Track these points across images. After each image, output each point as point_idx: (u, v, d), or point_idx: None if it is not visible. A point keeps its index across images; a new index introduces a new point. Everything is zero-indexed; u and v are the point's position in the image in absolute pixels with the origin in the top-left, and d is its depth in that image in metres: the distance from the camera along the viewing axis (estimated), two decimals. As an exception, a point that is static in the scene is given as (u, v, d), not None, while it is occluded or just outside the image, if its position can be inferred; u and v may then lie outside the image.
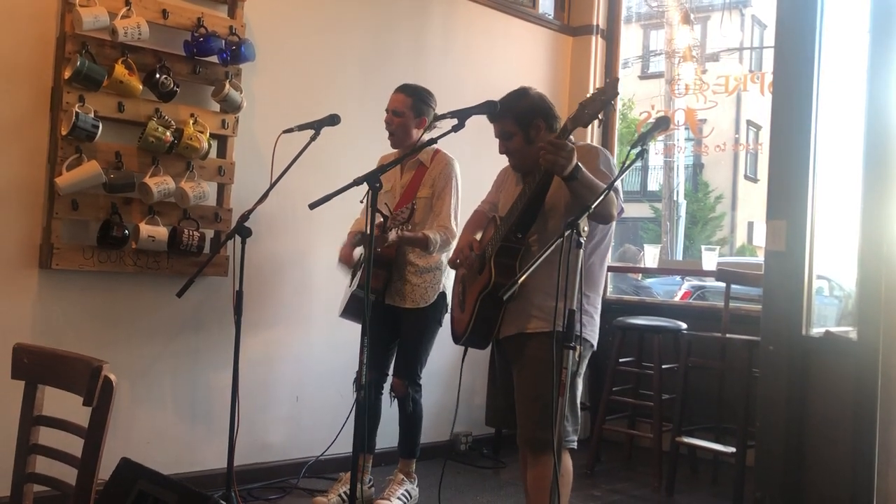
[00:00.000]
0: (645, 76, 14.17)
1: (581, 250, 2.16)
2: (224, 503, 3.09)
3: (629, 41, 7.20)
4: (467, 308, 2.78)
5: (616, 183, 2.46)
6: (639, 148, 2.29)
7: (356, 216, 3.70)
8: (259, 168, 3.47)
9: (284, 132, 3.24)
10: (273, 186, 3.14)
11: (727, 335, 4.05)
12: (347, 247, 3.57)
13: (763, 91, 4.83)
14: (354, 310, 3.45)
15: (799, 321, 3.09)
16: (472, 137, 3.06)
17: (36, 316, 3.17)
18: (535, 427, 2.59)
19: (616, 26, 5.35)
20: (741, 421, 3.81)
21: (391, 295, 3.51)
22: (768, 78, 4.63)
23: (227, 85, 3.47)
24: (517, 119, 2.71)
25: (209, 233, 3.55)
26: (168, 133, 3.29)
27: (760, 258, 4.66)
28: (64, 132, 3.07)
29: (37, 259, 3.16)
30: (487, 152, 3.70)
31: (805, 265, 3.10)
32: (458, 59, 4.58)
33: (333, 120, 3.28)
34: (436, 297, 3.51)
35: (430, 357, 3.61)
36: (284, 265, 3.88)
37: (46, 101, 3.15)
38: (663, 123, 2.45)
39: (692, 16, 5.45)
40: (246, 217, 3.08)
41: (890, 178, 2.90)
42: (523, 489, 2.81)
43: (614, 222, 2.73)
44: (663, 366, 4.20)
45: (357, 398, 3.46)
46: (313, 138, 3.22)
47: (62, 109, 3.10)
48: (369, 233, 2.59)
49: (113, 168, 3.22)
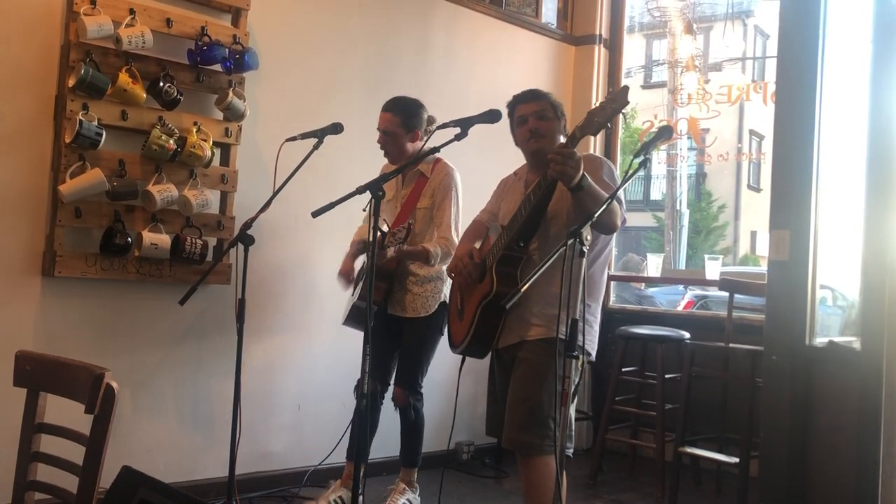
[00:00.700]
0: (648, 86, 14.19)
1: (584, 259, 2.14)
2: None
3: (632, 51, 7.22)
4: (466, 317, 2.77)
5: (619, 193, 2.46)
6: (642, 157, 2.29)
7: (359, 224, 3.71)
8: (262, 176, 3.48)
9: (287, 140, 3.24)
10: (276, 195, 3.14)
11: (730, 345, 4.04)
12: (349, 259, 3.57)
13: (766, 101, 4.83)
14: (357, 319, 3.45)
15: (802, 331, 3.08)
16: (475, 146, 3.07)
17: (38, 323, 3.18)
18: (518, 429, 2.59)
19: (619, 36, 5.36)
20: (744, 431, 3.79)
21: (392, 304, 3.51)
22: (771, 88, 4.63)
23: (231, 93, 3.48)
24: (553, 105, 2.77)
25: (212, 241, 3.55)
26: (171, 141, 3.29)
27: (763, 268, 4.65)
28: (68, 140, 3.08)
29: (40, 266, 3.16)
30: (490, 161, 3.71)
31: (808, 275, 3.09)
32: (461, 69, 4.59)
33: (336, 128, 3.28)
34: (437, 307, 3.50)
35: (432, 366, 3.60)
36: (287, 273, 3.89)
37: (50, 109, 3.16)
38: (666, 133, 2.45)
39: (695, 25, 5.46)
40: (249, 225, 3.08)
41: (893, 188, 2.89)
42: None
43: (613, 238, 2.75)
44: (666, 375, 4.19)
45: (358, 406, 3.47)
46: (316, 147, 3.22)
47: (66, 117, 3.11)
48: (371, 241, 2.59)
49: (116, 176, 3.23)
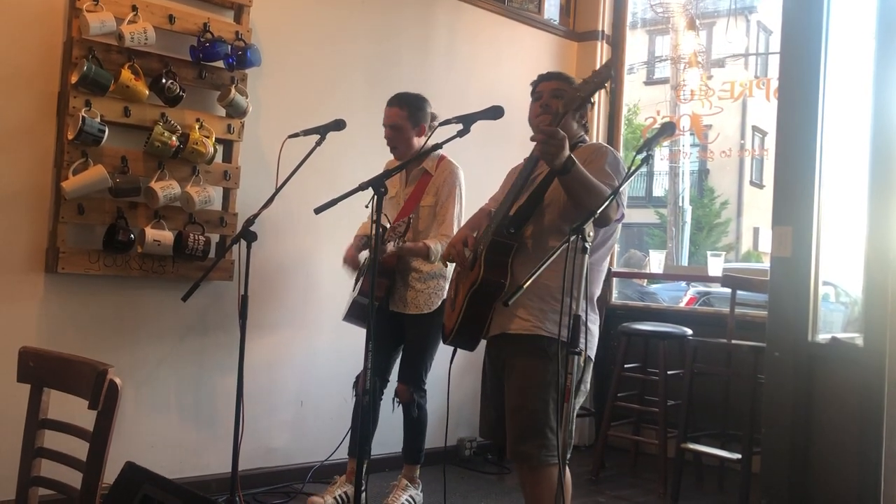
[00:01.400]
0: (650, 82, 14.18)
1: (586, 255, 2.10)
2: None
3: (634, 47, 7.21)
4: (457, 306, 2.67)
5: (624, 193, 2.43)
6: (644, 153, 2.26)
7: (363, 220, 3.71)
8: (264, 173, 3.48)
9: (290, 137, 3.24)
10: (278, 191, 3.14)
11: (733, 341, 4.04)
12: (353, 248, 3.58)
13: (769, 97, 4.82)
14: (357, 315, 3.45)
15: (805, 327, 3.07)
16: (479, 142, 3.07)
17: (42, 319, 3.18)
18: (516, 440, 2.49)
19: (621, 32, 5.34)
20: (747, 427, 3.80)
21: (395, 301, 3.51)
22: (774, 83, 4.61)
23: (233, 90, 3.48)
24: (561, 87, 2.67)
25: (214, 237, 3.55)
26: (174, 138, 3.30)
27: (766, 264, 4.64)
28: (70, 137, 3.08)
29: (43, 263, 3.17)
30: (494, 157, 3.71)
31: (811, 271, 3.09)
32: (464, 65, 4.59)
33: (339, 125, 3.28)
34: (440, 304, 3.50)
35: (435, 361, 3.60)
36: (289, 270, 3.89)
37: (53, 106, 3.16)
38: (668, 129, 2.44)
39: (698, 22, 5.45)
40: (251, 221, 3.09)
41: (896, 184, 2.89)
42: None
43: (618, 228, 2.67)
44: (668, 372, 4.19)
45: (360, 401, 3.47)
46: (319, 143, 3.22)
47: (69, 114, 3.11)
48: (373, 237, 2.59)
49: (119, 172, 3.23)
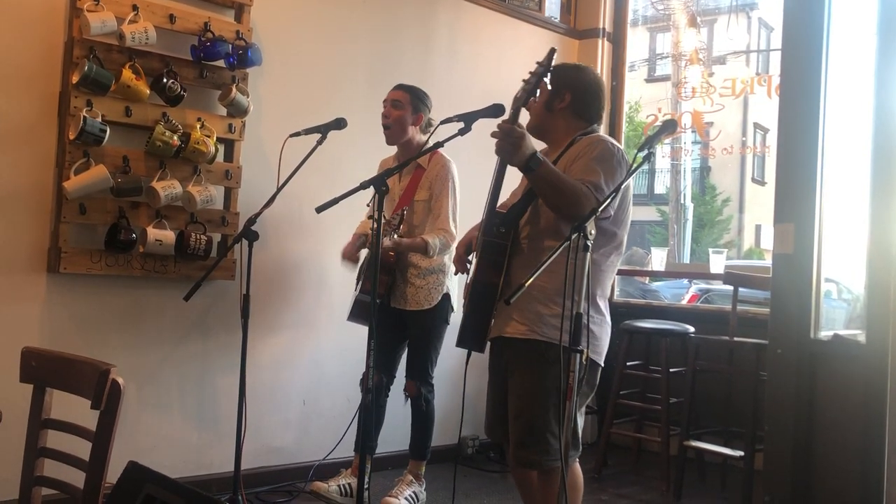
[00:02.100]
0: (651, 79, 14.15)
1: (588, 254, 2.06)
2: (231, 507, 3.09)
3: (635, 44, 7.21)
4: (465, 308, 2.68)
5: (609, 184, 2.35)
6: (645, 151, 2.25)
7: (362, 219, 3.72)
8: (266, 172, 3.48)
9: (291, 136, 3.24)
10: (280, 190, 3.14)
11: (735, 338, 4.04)
12: (351, 245, 3.59)
13: (770, 93, 4.81)
14: (360, 313, 3.47)
15: (807, 324, 3.07)
16: (479, 141, 3.06)
17: (44, 320, 3.19)
18: (518, 446, 2.48)
19: (622, 29, 5.34)
20: (749, 424, 3.79)
21: (395, 298, 3.52)
22: (775, 80, 4.61)
23: (234, 89, 3.48)
24: (551, 79, 2.58)
25: (216, 236, 3.56)
26: (175, 137, 3.30)
27: (768, 261, 4.64)
28: (72, 137, 3.08)
29: (45, 263, 3.17)
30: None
31: (813, 268, 3.08)
32: (465, 63, 4.58)
33: (340, 124, 3.28)
34: (440, 299, 3.52)
35: (438, 359, 3.61)
36: (291, 269, 3.89)
37: (54, 106, 3.16)
38: (670, 126, 2.43)
39: (699, 19, 5.45)
40: (253, 221, 3.09)
41: (898, 181, 2.89)
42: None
43: (626, 223, 2.56)
44: (671, 369, 4.19)
45: (364, 399, 3.47)
46: (320, 142, 3.22)
47: (70, 114, 3.11)
48: (374, 236, 2.58)
49: (120, 172, 3.23)
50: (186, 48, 3.43)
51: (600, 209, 2.16)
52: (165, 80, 3.29)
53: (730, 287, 4.29)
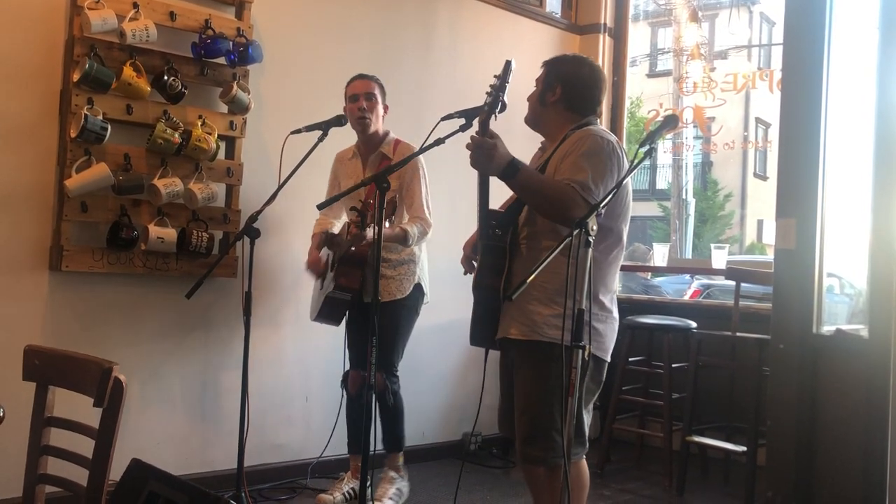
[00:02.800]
0: (653, 74, 14.15)
1: (590, 250, 2.05)
2: (234, 504, 3.10)
3: (637, 39, 7.19)
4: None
5: (598, 180, 2.34)
6: (647, 146, 2.25)
7: (317, 217, 3.63)
8: (267, 169, 3.48)
9: (292, 133, 3.24)
10: (281, 187, 3.14)
11: (737, 334, 4.04)
12: (314, 251, 3.49)
13: (772, 88, 4.80)
14: (330, 313, 3.38)
15: (809, 319, 3.07)
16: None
17: (46, 318, 3.19)
18: (523, 443, 2.49)
19: (624, 24, 5.33)
20: (752, 420, 3.79)
21: (368, 292, 3.39)
22: (777, 75, 4.61)
23: (235, 86, 3.48)
24: (545, 72, 2.58)
25: (218, 234, 3.56)
26: (176, 135, 3.30)
27: (770, 256, 4.63)
28: (73, 135, 3.09)
29: (47, 261, 3.17)
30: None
31: (815, 263, 3.08)
32: (466, 59, 4.58)
33: (341, 121, 3.28)
34: (412, 288, 3.46)
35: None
36: (293, 266, 3.88)
37: (55, 104, 3.16)
38: (672, 122, 2.42)
39: (700, 13, 5.43)
40: (254, 218, 3.09)
41: (900, 175, 2.88)
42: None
43: (626, 216, 2.55)
44: (673, 365, 4.19)
45: (366, 398, 3.43)
46: (321, 139, 3.22)
47: (71, 112, 3.11)
48: (376, 235, 2.55)
49: (122, 170, 3.23)
50: (187, 45, 3.43)
51: (602, 206, 2.15)
52: (166, 78, 3.29)
53: (732, 282, 4.29)
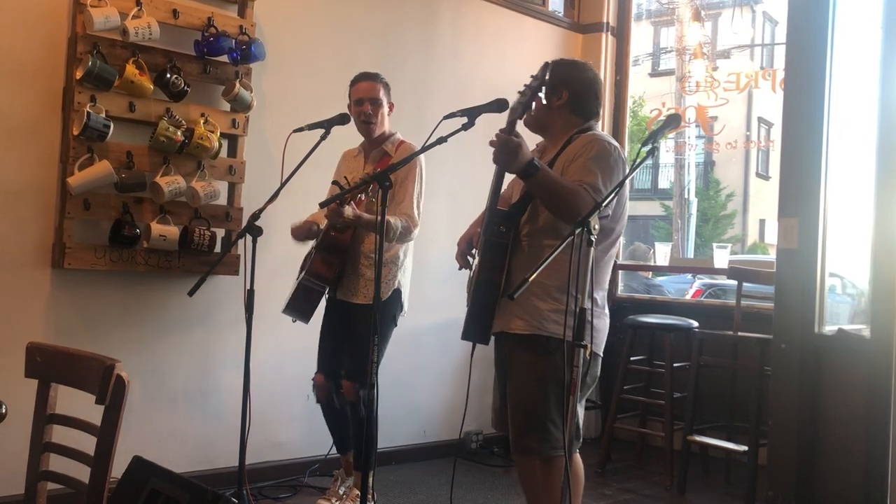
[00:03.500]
0: (655, 73, 14.12)
1: (592, 249, 2.05)
2: (236, 501, 3.09)
3: (639, 38, 7.17)
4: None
5: (606, 183, 2.35)
6: (649, 146, 2.25)
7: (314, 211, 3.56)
8: (269, 167, 3.48)
9: (295, 131, 3.24)
10: (284, 185, 3.14)
11: (739, 333, 4.04)
12: (300, 225, 3.36)
13: (774, 88, 4.80)
14: (299, 306, 3.25)
15: (811, 319, 3.07)
16: (482, 137, 3.05)
17: (49, 315, 3.19)
18: (518, 434, 2.50)
19: (626, 24, 5.33)
20: (753, 419, 3.79)
21: (343, 290, 3.32)
22: (780, 75, 4.60)
23: (238, 84, 3.48)
24: (550, 77, 2.58)
25: (220, 232, 3.56)
26: (179, 133, 3.30)
27: (772, 256, 4.63)
28: (75, 132, 3.09)
29: (49, 259, 3.18)
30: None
31: (817, 263, 3.08)
32: (468, 58, 4.58)
33: (343, 119, 3.27)
34: (391, 293, 3.30)
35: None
36: (295, 264, 3.88)
37: (58, 102, 3.17)
38: (674, 121, 2.42)
39: (703, 13, 5.42)
40: (257, 216, 3.08)
41: (903, 175, 2.88)
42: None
43: (623, 218, 2.57)
44: (675, 364, 4.19)
45: (324, 405, 3.38)
46: (323, 137, 3.22)
47: (73, 109, 3.12)
48: (378, 237, 2.55)
49: (124, 168, 3.24)
50: (190, 43, 3.43)
51: (603, 206, 2.17)
52: (169, 76, 3.29)
53: (734, 282, 4.29)
